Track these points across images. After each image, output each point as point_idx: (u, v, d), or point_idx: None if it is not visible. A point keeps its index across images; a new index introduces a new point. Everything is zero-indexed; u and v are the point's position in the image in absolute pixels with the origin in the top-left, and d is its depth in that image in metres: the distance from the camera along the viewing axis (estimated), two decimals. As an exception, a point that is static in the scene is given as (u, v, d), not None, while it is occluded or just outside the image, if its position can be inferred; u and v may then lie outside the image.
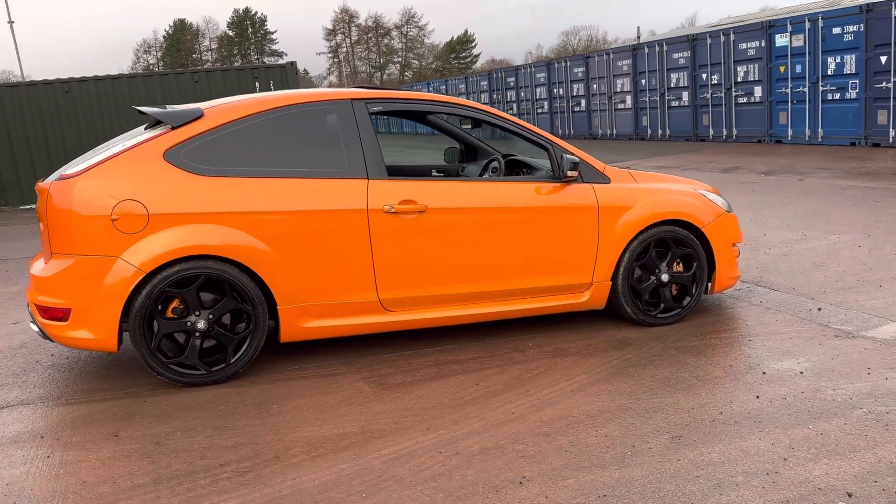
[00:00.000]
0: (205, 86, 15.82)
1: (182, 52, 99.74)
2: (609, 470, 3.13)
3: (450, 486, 3.03)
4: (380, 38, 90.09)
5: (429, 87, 39.23)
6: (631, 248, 4.92)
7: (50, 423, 3.81)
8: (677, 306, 5.12)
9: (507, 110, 30.48)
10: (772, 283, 6.02)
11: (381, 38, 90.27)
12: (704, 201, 5.15)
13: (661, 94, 21.33)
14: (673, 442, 3.37)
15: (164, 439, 3.56)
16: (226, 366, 4.23)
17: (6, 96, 14.99)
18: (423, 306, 4.60)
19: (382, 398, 3.99)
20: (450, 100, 4.88)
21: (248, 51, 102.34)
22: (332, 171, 4.38)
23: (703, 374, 4.18)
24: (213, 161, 4.21)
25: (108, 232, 4.00)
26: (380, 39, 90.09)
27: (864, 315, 5.06)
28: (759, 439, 3.37)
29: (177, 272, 4.06)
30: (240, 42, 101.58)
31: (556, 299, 4.89)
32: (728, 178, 13.06)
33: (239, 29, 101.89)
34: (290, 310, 4.30)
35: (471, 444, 3.41)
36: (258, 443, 3.48)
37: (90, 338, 4.04)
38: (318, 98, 4.52)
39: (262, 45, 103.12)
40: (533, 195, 4.73)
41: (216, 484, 3.10)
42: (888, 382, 3.93)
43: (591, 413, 3.71)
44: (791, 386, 3.95)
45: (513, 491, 2.98)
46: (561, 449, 3.34)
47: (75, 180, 4.06)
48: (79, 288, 4.01)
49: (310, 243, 4.28)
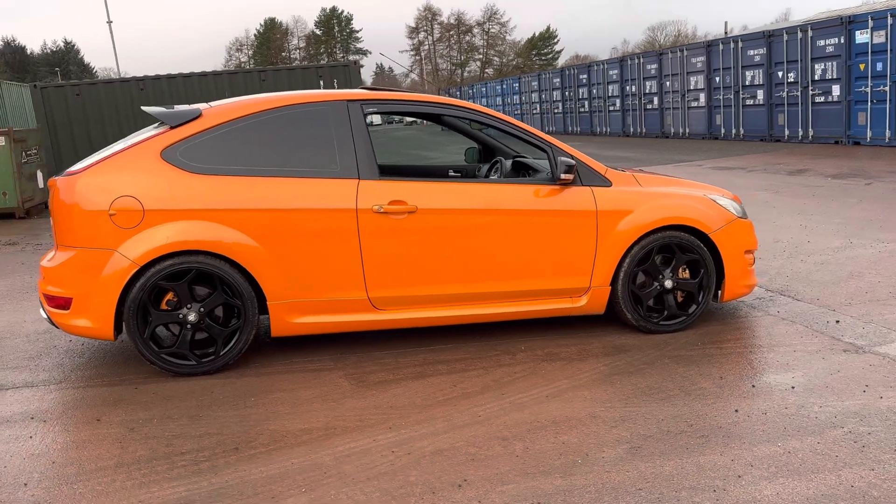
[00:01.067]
0: (271, 84, 16.30)
1: (271, 50, 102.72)
2: (553, 477, 3.10)
3: (390, 485, 3.07)
4: (461, 36, 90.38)
5: (502, 84, 39.15)
6: (632, 253, 4.82)
7: (44, 406, 4.06)
8: (682, 314, 4.98)
9: (580, 108, 30.13)
10: (797, 292, 5.77)
11: (463, 35, 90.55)
12: (713, 206, 4.99)
13: (735, 93, 20.63)
14: (629, 452, 3.31)
15: (139, 426, 3.73)
16: (215, 357, 4.39)
17: (87, 94, 15.84)
18: (412, 306, 4.64)
19: (358, 395, 4.06)
20: (446, 101, 4.90)
21: (333, 49, 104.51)
22: (323, 171, 4.48)
23: (689, 385, 4.06)
24: (208, 160, 4.36)
25: (106, 226, 4.22)
26: (461, 37, 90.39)
27: (883, 329, 4.81)
28: (721, 454, 3.26)
29: (169, 266, 4.24)
30: (326, 40, 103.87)
31: (551, 303, 4.84)
32: (792, 181, 12.54)
33: (326, 27, 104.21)
34: (280, 305, 4.42)
35: (426, 444, 3.43)
36: (224, 434, 3.61)
37: (89, 326, 4.26)
38: (314, 99, 4.62)
39: (347, 44, 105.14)
40: (527, 197, 4.70)
41: (171, 471, 3.24)
42: (881, 402, 3.73)
43: (557, 419, 3.68)
44: (776, 401, 3.81)
45: (448, 493, 2.99)
46: (513, 454, 3.32)
47: (77, 177, 4.30)
48: (79, 279, 4.24)
49: (299, 241, 4.39)
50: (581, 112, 30.09)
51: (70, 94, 15.74)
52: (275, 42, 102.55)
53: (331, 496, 2.99)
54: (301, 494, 3.01)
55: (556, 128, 32.41)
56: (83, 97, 15.78)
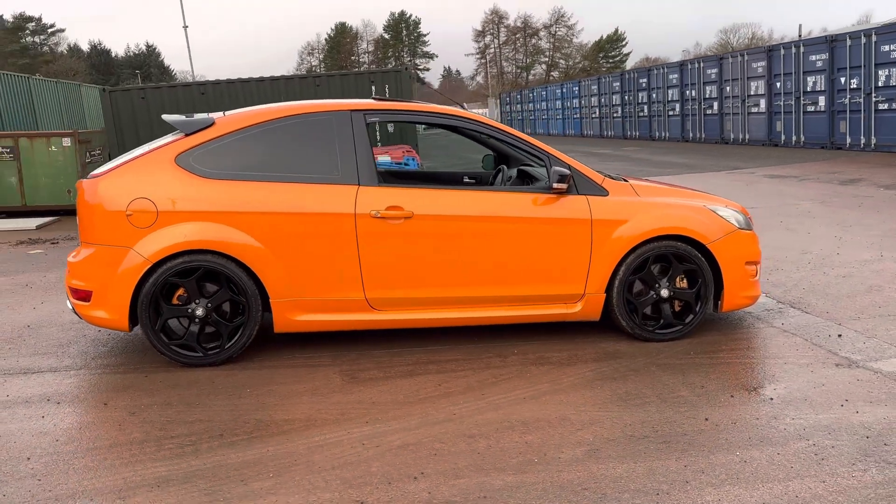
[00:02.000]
0: (325, 89, 16.75)
1: (341, 55, 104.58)
2: (505, 474, 3.25)
3: (351, 474, 3.28)
4: (527, 39, 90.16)
5: (562, 88, 38.98)
6: (627, 261, 4.91)
7: (61, 389, 4.42)
8: (678, 323, 5.04)
9: (639, 113, 29.79)
10: (809, 304, 5.73)
11: (529, 38, 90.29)
12: (712, 217, 5.03)
13: (796, 99, 20.13)
14: (587, 454, 3.43)
15: (140, 410, 4.05)
16: (220, 350, 4.68)
17: (151, 97, 16.59)
18: (409, 307, 4.84)
19: (346, 391, 4.28)
20: (446, 111, 5.08)
21: (401, 52, 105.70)
22: (325, 177, 4.72)
23: (668, 393, 4.14)
24: (218, 165, 4.66)
25: (123, 226, 4.56)
26: (527, 40, 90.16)
27: (884, 345, 4.76)
28: (676, 460, 3.35)
29: (179, 263, 4.55)
30: (394, 44, 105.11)
31: (546, 308, 4.96)
32: (842, 191, 12.22)
33: (394, 31, 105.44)
34: (282, 303, 4.69)
35: (395, 439, 3.63)
36: (214, 421, 3.88)
37: (106, 317, 4.62)
38: (320, 109, 4.87)
39: (414, 47, 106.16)
40: (522, 205, 4.84)
41: (157, 453, 3.52)
42: (855, 416, 3.74)
43: (527, 420, 3.82)
44: (749, 411, 3.86)
45: (402, 484, 3.18)
46: (475, 451, 3.48)
47: (100, 179, 4.66)
48: (99, 273, 4.60)
49: (300, 243, 4.64)
50: (640, 117, 29.76)
51: (136, 98, 16.51)
52: (345, 46, 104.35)
53: (294, 481, 3.22)
54: (268, 479, 3.25)
55: (615, 132, 32.12)
56: (147, 100, 16.52)
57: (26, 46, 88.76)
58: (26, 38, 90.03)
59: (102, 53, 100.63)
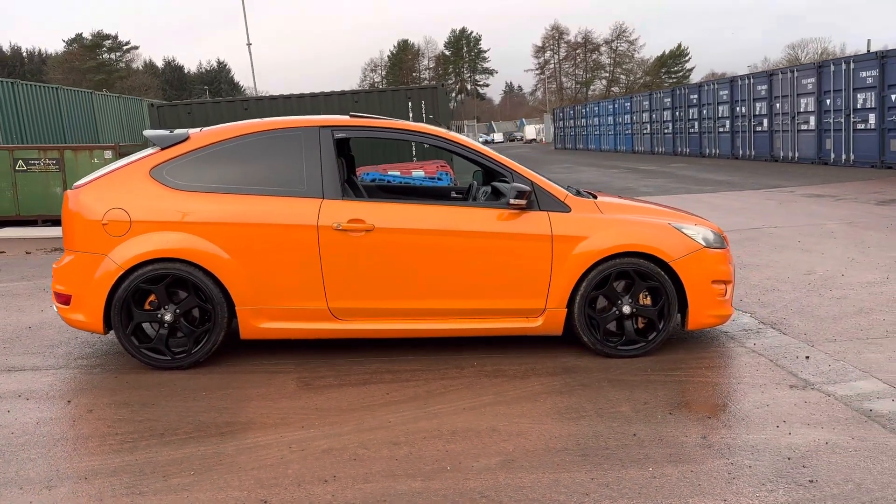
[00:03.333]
0: (363, 106, 17.10)
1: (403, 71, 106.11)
2: (414, 480, 3.35)
3: (267, 475, 3.42)
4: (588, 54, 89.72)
5: (614, 104, 38.69)
6: (588, 277, 4.94)
7: (34, 387, 4.70)
8: (642, 340, 5.03)
9: (689, 129, 29.36)
10: (789, 325, 5.64)
11: (590, 53, 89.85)
12: (675, 235, 5.02)
13: (846, 116, 19.56)
14: (500, 464, 3.49)
15: (98, 409, 4.28)
16: (187, 354, 4.90)
17: (197, 112, 17.24)
18: (371, 318, 4.97)
19: (296, 397, 4.44)
20: (415, 128, 5.22)
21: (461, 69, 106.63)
22: (291, 190, 4.92)
23: (608, 408, 4.16)
24: (189, 178, 4.91)
25: (99, 234, 4.84)
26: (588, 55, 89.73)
27: (849, 367, 4.67)
28: (587, 473, 3.39)
29: (149, 271, 4.80)
30: (455, 60, 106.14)
31: (507, 322, 5.03)
32: (875, 212, 11.84)
33: (455, 48, 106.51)
34: (247, 311, 4.89)
35: (323, 444, 3.75)
36: (160, 421, 4.09)
37: (84, 320, 4.89)
38: (290, 125, 5.08)
39: (475, 64, 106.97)
40: (483, 220, 4.93)
41: (98, 448, 3.74)
42: (787, 437, 3.71)
43: (457, 430, 3.90)
44: (681, 429, 3.85)
45: (311, 487, 3.30)
46: (393, 457, 3.58)
47: (81, 190, 4.96)
48: (78, 278, 4.88)
49: (265, 253, 4.84)
50: (691, 133, 29.32)
51: (182, 113, 17.19)
52: (406, 63, 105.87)
53: (211, 480, 3.38)
54: (188, 476, 3.42)
55: (666, 149, 31.71)
56: (193, 115, 17.17)
57: (103, 63, 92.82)
58: (103, 55, 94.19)
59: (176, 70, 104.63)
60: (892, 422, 3.87)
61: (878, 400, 4.16)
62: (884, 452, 3.51)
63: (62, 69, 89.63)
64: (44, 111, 21.88)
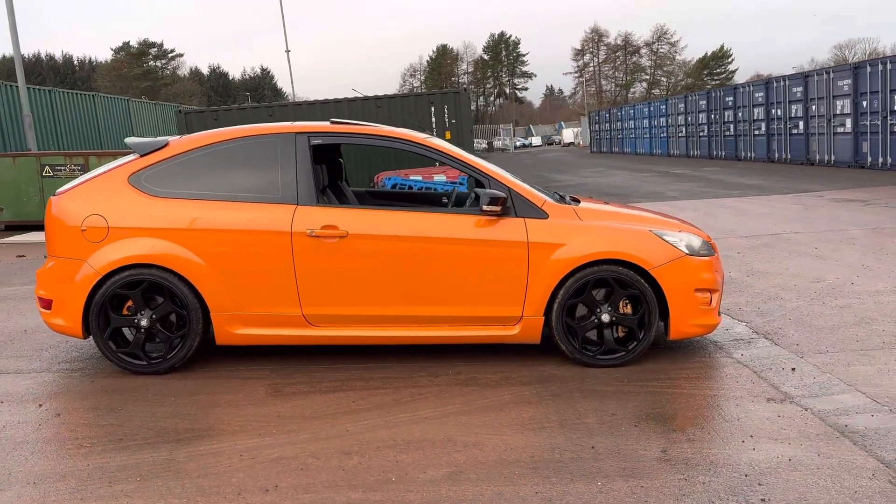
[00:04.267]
0: (385, 111, 17.18)
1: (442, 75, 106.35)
2: (356, 491, 3.31)
3: (210, 483, 3.41)
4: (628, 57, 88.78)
5: (649, 106, 38.18)
6: (566, 285, 4.85)
7: (12, 389, 4.78)
8: (622, 349, 4.92)
9: (724, 132, 28.82)
10: (783, 336, 5.46)
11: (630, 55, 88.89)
12: (656, 242, 4.90)
13: (882, 118, 18.97)
14: (447, 476, 3.43)
15: (66, 413, 4.34)
16: (163, 360, 4.94)
17: (223, 118, 17.50)
18: (346, 324, 4.95)
19: (262, 404, 4.43)
20: (394, 134, 5.17)
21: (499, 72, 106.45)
22: (266, 197, 4.92)
23: (572, 420, 4.07)
24: (166, 185, 4.95)
25: (78, 240, 4.91)
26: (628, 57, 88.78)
27: (834, 380, 4.50)
28: (532, 486, 3.31)
29: (126, 276, 4.85)
30: (493, 64, 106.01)
31: (484, 329, 4.96)
32: (906, 216, 11.44)
33: (493, 52, 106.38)
34: (222, 317, 4.90)
35: (273, 452, 3.74)
36: (123, 426, 4.11)
37: (64, 324, 4.97)
38: (267, 131, 5.09)
39: (513, 67, 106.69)
40: (458, 227, 4.87)
41: (55, 452, 3.78)
42: (750, 453, 3.58)
43: (412, 440, 3.84)
44: (643, 443, 3.74)
45: (251, 496, 3.28)
46: (341, 467, 3.55)
47: (62, 196, 5.04)
48: (58, 283, 4.96)
49: (239, 259, 4.85)
50: (726, 136, 28.77)
51: (209, 119, 17.46)
52: (445, 68, 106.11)
53: (155, 487, 3.38)
54: (133, 483, 3.43)
55: (701, 152, 31.16)
56: (220, 121, 17.42)
57: (149, 70, 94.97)
58: (149, 63, 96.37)
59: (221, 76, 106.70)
60: (864, 438, 3.70)
61: (856, 415, 3.99)
62: (848, 470, 3.36)
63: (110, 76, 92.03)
64: (80, 118, 22.45)
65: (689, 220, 11.77)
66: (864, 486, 3.22)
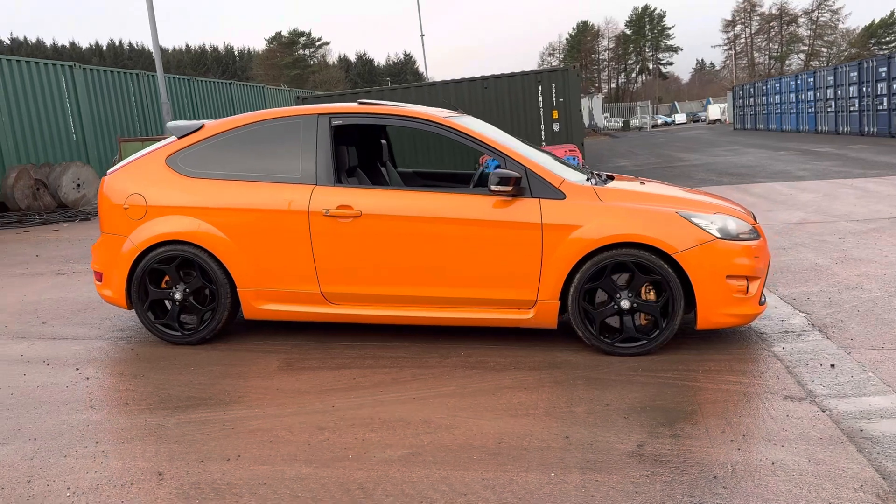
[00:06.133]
0: (491, 91, 17.07)
1: (581, 53, 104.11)
2: (309, 466, 3.35)
3: (181, 449, 3.57)
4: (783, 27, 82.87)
5: (796, 80, 35.44)
6: (583, 268, 4.65)
7: (60, 354, 5.21)
8: (642, 337, 4.67)
9: (877, 105, 26.32)
10: (841, 329, 4.98)
11: (786, 25, 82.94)
12: (681, 225, 4.58)
13: None
14: (402, 456, 3.42)
15: (95, 377, 4.69)
16: (194, 332, 5.22)
17: (338, 102, 18.06)
18: (362, 303, 5.01)
19: (269, 377, 4.58)
20: (413, 114, 5.12)
21: (642, 47, 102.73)
22: (287, 177, 5.05)
23: (561, 408, 3.92)
24: (199, 165, 5.20)
25: (123, 217, 5.26)
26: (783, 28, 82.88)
27: (874, 380, 4.06)
28: (483, 473, 3.23)
29: (162, 252, 5.15)
30: (636, 39, 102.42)
31: (499, 312, 4.85)
32: None
33: (636, 27, 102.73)
34: (248, 292, 5.11)
35: (253, 423, 3.86)
36: (136, 391, 4.39)
37: (111, 295, 5.35)
38: (291, 113, 5.21)
39: (657, 41, 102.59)
40: (471, 207, 4.78)
41: (68, 412, 4.10)
42: (733, 454, 3.31)
43: (390, 419, 3.85)
44: (623, 436, 3.55)
45: (209, 464, 3.41)
46: (308, 442, 3.61)
47: (110, 176, 5.41)
48: (106, 258, 5.35)
49: (261, 237, 5.02)
50: (879, 111, 26.25)
51: (325, 103, 18.09)
52: (585, 45, 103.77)
53: (132, 449, 3.59)
54: (115, 444, 3.66)
55: (852, 128, 28.62)
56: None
57: (298, 59, 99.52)
58: (298, 52, 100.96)
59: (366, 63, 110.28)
60: (875, 445, 3.32)
61: (879, 419, 3.58)
62: (833, 480, 3.03)
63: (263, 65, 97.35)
64: (217, 104, 23.91)
65: (806, 203, 10.99)
66: (841, 499, 2.89)
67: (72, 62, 18.54)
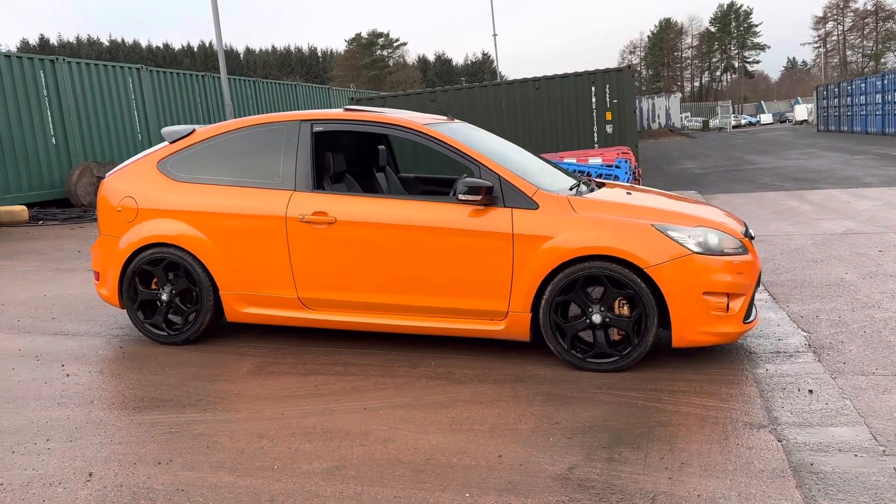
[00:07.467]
0: (543, 92, 16.86)
1: (663, 51, 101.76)
2: (232, 475, 3.37)
3: (121, 450, 3.65)
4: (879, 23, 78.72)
5: (883, 79, 33.56)
6: (554, 280, 4.52)
7: (54, 349, 5.41)
8: (615, 353, 4.50)
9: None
10: (837, 351, 4.69)
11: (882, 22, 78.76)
12: (655, 238, 4.39)
13: None
14: (325, 470, 3.39)
15: (76, 374, 4.84)
16: (179, 332, 5.33)
17: (389, 104, 18.18)
18: (337, 309, 5.01)
19: (236, 380, 4.63)
20: (392, 121, 5.07)
21: (727, 45, 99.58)
22: (267, 182, 5.11)
23: (507, 425, 3.82)
24: (187, 170, 5.31)
25: (116, 219, 5.43)
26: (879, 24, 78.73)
27: (849, 409, 3.81)
28: (398, 490, 3.18)
29: (150, 254, 5.29)
30: (720, 37, 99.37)
31: (471, 323, 4.77)
32: None
33: (722, 24, 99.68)
34: (229, 295, 5.19)
35: (198, 428, 3.90)
36: (104, 390, 4.52)
37: (106, 294, 5.54)
38: (275, 119, 5.25)
39: (743, 39, 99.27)
40: (443, 216, 4.71)
41: (36, 407, 4.25)
42: (663, 484, 3.16)
43: (332, 430, 3.83)
44: (556, 458, 3.44)
45: (143, 467, 3.47)
46: (241, 450, 3.63)
47: (109, 178, 5.59)
48: (102, 258, 5.53)
49: (241, 241, 5.09)
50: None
51: (377, 105, 18.25)
52: (667, 42, 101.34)
53: (75, 447, 3.69)
54: (63, 442, 3.77)
55: None
56: (388, 107, 18.15)
57: (376, 60, 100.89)
58: (376, 52, 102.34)
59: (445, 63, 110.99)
60: (820, 481, 3.10)
61: (835, 453, 3.34)
62: (754, 518, 2.84)
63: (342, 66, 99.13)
64: (281, 105, 24.46)
65: (861, 211, 10.40)
66: (754, 539, 2.70)
67: (139, 64, 19.30)
